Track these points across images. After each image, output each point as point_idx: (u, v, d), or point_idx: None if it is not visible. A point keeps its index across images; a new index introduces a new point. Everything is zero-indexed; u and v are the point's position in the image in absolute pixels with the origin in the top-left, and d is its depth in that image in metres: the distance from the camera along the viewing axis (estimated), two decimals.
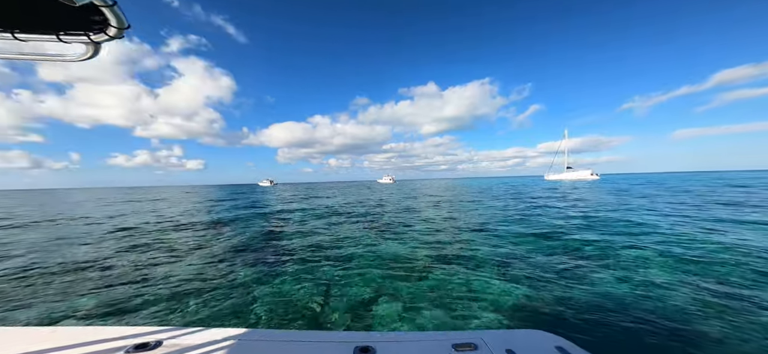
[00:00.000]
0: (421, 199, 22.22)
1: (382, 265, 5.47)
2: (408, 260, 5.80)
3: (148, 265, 5.77)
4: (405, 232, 8.96)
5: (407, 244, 7.19)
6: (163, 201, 27.29)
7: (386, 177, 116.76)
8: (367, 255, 6.27)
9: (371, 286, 4.48)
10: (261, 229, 10.18)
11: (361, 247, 7.00)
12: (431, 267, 5.32)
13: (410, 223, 10.44)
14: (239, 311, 3.76)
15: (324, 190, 51.93)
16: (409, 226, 9.84)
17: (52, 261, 6.18)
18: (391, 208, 15.23)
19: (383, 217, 12.25)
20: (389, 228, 9.71)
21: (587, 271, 4.92)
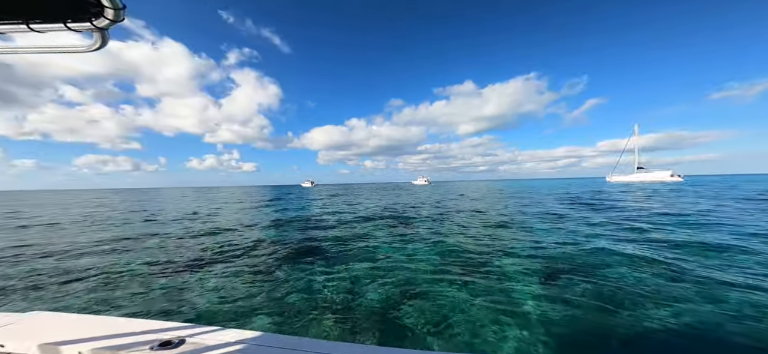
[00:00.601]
0: (458, 201, 21.44)
1: (414, 271, 5.28)
2: (442, 268, 5.44)
3: (212, 254, 7.07)
4: (445, 236, 8.62)
5: (443, 249, 6.95)
6: (230, 198, 31.70)
7: (421, 178, 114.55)
8: (398, 258, 6.22)
9: (399, 292, 4.34)
10: (302, 227, 11.15)
11: (391, 250, 7.00)
12: (469, 278, 4.88)
13: (450, 228, 10.06)
14: (264, 306, 3.97)
15: (359, 191, 54.00)
16: (447, 231, 9.50)
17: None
18: (426, 212, 15.21)
19: (416, 220, 12.11)
20: (422, 231, 9.57)
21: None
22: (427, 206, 18.03)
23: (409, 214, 14.41)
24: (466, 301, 4.05)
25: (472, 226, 10.34)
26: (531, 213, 13.45)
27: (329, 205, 20.38)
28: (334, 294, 4.36)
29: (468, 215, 13.60)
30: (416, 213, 15.17)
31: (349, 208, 18.76)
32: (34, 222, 13.52)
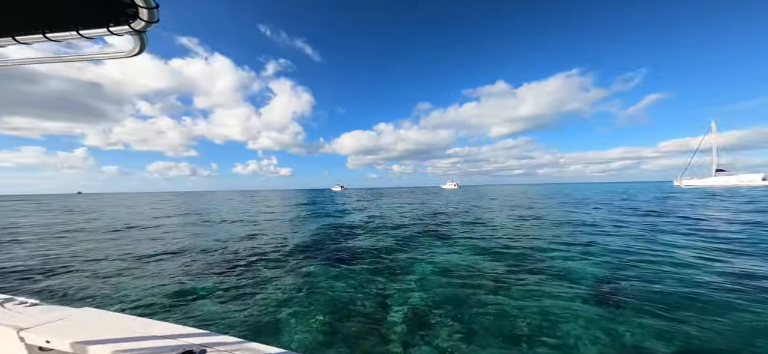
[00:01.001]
0: (491, 208, 20.41)
1: (443, 282, 5.10)
2: (476, 279, 5.22)
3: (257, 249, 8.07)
4: (480, 240, 8.56)
5: (477, 256, 6.77)
6: (271, 202, 34.15)
7: (450, 182, 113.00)
8: (426, 267, 6.11)
9: (430, 303, 4.23)
10: (331, 229, 11.71)
11: (421, 258, 6.92)
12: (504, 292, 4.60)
13: (484, 233, 9.82)
14: (295, 306, 4.15)
15: (388, 195, 54.30)
16: (483, 236, 9.32)
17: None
18: (457, 220, 14.72)
19: (447, 226, 11.84)
20: (452, 238, 9.39)
21: None
22: (460, 213, 17.25)
23: (440, 220, 14.07)
24: (505, 314, 3.75)
25: (515, 234, 9.73)
26: (582, 220, 12.04)
27: (360, 210, 21.06)
28: (365, 303, 4.31)
29: (507, 221, 12.86)
30: (448, 217, 14.85)
31: (379, 212, 19.02)
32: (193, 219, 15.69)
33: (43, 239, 10.28)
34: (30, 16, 0.82)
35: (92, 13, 0.80)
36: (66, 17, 0.82)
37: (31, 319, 1.24)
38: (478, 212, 17.43)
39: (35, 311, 1.33)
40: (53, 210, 25.93)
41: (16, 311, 1.31)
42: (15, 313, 1.30)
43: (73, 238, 10.60)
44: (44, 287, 5.31)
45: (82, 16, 0.80)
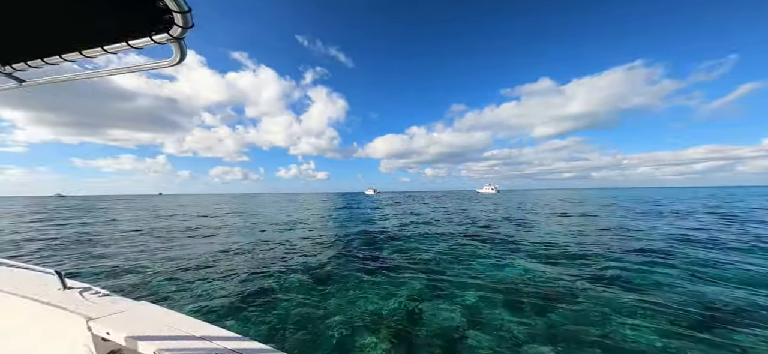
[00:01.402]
0: (538, 213, 18.44)
1: (482, 295, 4.91)
2: (515, 295, 4.93)
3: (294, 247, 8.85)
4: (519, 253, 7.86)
5: (518, 271, 6.33)
6: (311, 204, 36.10)
7: (487, 186, 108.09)
8: (463, 276, 5.90)
9: (466, 314, 4.14)
10: (367, 233, 11.93)
11: (457, 266, 6.77)
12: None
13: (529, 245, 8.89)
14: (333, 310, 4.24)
15: (422, 199, 53.15)
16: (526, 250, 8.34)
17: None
18: (502, 226, 13.67)
19: (494, 233, 11.24)
20: (506, 245, 8.81)
21: None
22: (505, 219, 16.02)
23: (486, 227, 13.43)
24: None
25: (583, 241, 8.89)
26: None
27: (398, 215, 20.88)
28: (395, 312, 4.30)
29: (564, 227, 11.78)
30: (491, 223, 14.20)
31: (417, 217, 18.64)
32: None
33: (139, 236, 12.06)
34: (91, 30, 0.89)
35: (137, 24, 0.85)
36: (116, 30, 0.88)
37: (99, 309, 1.33)
38: (525, 219, 16.17)
39: (105, 302, 1.42)
40: (144, 208, 31.22)
41: (90, 301, 1.41)
42: (89, 302, 1.39)
43: (165, 234, 12.58)
44: (131, 277, 6.17)
45: (128, 27, 0.86)
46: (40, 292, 1.50)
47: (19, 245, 10.30)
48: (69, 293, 1.50)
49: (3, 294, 1.54)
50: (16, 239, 11.45)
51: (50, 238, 11.60)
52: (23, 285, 1.61)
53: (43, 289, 1.54)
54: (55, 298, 1.44)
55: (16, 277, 1.78)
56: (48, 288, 1.55)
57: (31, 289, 1.55)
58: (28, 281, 1.66)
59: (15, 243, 10.73)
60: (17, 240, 11.31)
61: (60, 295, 1.47)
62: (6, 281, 1.67)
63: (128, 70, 1.05)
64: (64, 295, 1.48)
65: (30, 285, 1.60)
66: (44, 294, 1.48)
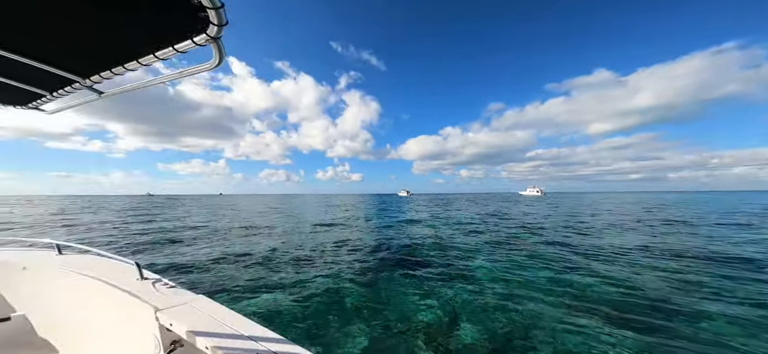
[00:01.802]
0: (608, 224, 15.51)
1: (528, 314, 4.42)
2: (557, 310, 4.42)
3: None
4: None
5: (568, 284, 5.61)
6: (348, 205, 36.95)
7: (531, 188, 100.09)
8: (506, 289, 5.42)
9: (503, 335, 3.79)
10: (403, 237, 11.60)
11: (508, 273, 6.35)
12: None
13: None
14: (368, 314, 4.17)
15: (457, 201, 50.17)
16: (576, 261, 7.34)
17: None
18: (552, 234, 12.00)
19: (541, 241, 10.06)
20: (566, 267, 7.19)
21: None
22: (556, 227, 14.18)
23: (532, 233, 12.30)
24: None
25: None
26: None
27: (428, 218, 20.04)
28: (433, 320, 4.15)
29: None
30: (546, 233, 12.56)
31: (453, 220, 17.85)
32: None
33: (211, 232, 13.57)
34: (142, 38, 0.97)
35: (177, 26, 0.90)
36: (161, 35, 0.94)
37: (165, 301, 1.44)
38: (586, 224, 14.14)
39: (170, 293, 1.54)
40: (209, 206, 35.78)
41: (160, 292, 1.53)
42: (159, 293, 1.52)
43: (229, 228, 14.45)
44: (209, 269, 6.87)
45: (171, 31, 0.92)
46: (122, 280, 1.68)
47: (124, 230, 13.45)
48: (144, 283, 1.65)
49: (91, 279, 1.75)
50: (122, 227, 14.97)
51: (143, 228, 14.51)
52: (109, 272, 1.82)
53: (125, 277, 1.72)
54: (133, 287, 1.60)
55: (104, 265, 1.98)
56: (128, 277, 1.72)
57: (116, 276, 1.75)
58: (114, 269, 1.88)
59: (121, 229, 14.11)
60: (122, 227, 14.81)
61: (137, 285, 1.63)
62: (95, 268, 1.91)
63: (179, 74, 1.10)
64: (141, 284, 1.64)
65: (115, 273, 1.81)
66: (125, 282, 1.65)
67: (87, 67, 1.13)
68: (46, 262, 2.06)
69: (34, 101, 1.42)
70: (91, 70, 1.13)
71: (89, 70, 1.14)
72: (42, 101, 1.42)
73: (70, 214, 23.12)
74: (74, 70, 1.14)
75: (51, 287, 1.97)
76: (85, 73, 1.15)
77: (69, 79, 1.19)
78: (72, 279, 1.84)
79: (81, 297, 1.79)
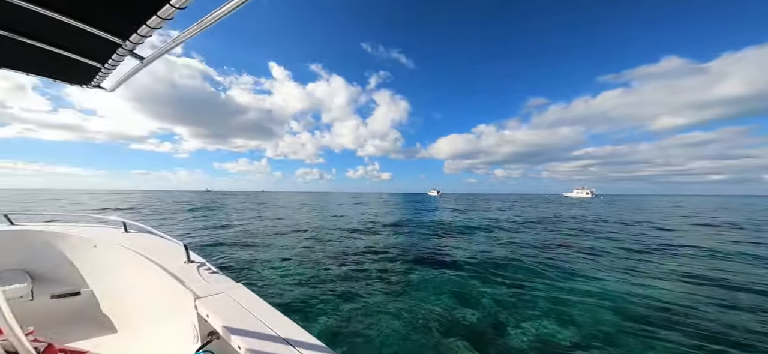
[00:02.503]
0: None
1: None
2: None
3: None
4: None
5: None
6: (378, 203, 36.19)
7: (579, 190, 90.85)
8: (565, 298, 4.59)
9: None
10: (433, 237, 10.97)
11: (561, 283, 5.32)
12: None
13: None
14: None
15: (493, 202, 45.52)
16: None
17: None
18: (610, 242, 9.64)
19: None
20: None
21: None
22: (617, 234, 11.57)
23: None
24: None
25: None
26: None
27: (463, 219, 18.15)
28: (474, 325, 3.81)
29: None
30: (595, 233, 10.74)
31: (490, 222, 16.33)
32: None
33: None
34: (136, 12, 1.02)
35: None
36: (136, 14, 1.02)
37: (205, 288, 1.46)
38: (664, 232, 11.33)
39: (212, 279, 1.57)
40: (256, 202, 37.62)
41: (202, 277, 1.57)
42: (201, 278, 1.55)
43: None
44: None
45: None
46: (172, 263, 1.74)
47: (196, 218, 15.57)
48: (189, 267, 1.70)
49: (146, 260, 1.80)
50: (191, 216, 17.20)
51: (206, 217, 16.66)
52: (162, 253, 1.89)
53: (174, 259, 1.79)
54: (180, 271, 1.65)
55: (159, 245, 2.06)
56: (177, 258, 1.80)
57: (167, 257, 1.82)
58: (166, 250, 1.95)
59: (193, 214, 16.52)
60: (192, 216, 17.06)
61: (184, 268, 1.70)
62: (151, 247, 1.99)
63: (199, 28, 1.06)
64: (186, 267, 1.70)
65: (167, 254, 1.88)
66: (174, 264, 1.72)
67: (124, 26, 1.13)
68: (113, 240, 2.16)
69: (94, 76, 1.48)
70: (128, 28, 1.13)
71: (126, 28, 1.14)
72: (100, 76, 1.47)
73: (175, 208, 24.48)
74: (114, 30, 1.15)
75: (115, 265, 2.07)
76: (124, 33, 1.16)
77: (114, 44, 1.21)
78: (132, 258, 1.92)
79: (138, 278, 1.85)
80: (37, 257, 2.29)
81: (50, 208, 22.27)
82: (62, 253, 2.31)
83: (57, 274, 2.25)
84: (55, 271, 2.26)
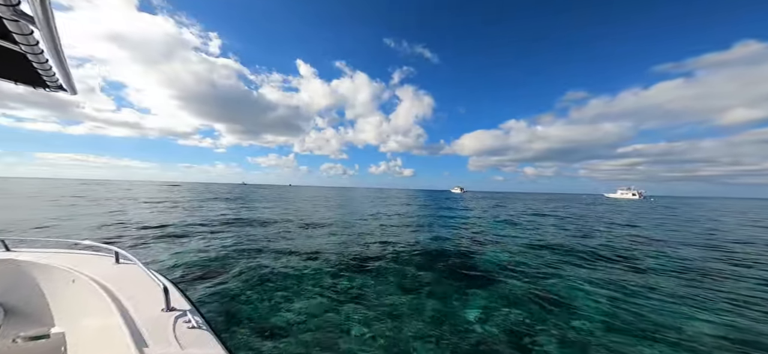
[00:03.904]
0: None
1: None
2: None
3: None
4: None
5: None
6: (400, 201, 35.17)
7: (624, 190, 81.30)
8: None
9: None
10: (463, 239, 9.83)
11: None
12: None
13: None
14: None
15: (522, 202, 40.82)
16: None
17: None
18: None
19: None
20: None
21: None
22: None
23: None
24: None
25: None
26: None
27: (494, 221, 16.31)
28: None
29: None
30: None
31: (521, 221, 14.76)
32: None
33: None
34: None
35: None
36: None
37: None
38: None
39: (188, 339, 1.33)
40: (287, 197, 38.72)
41: (176, 336, 1.33)
42: (172, 341, 1.30)
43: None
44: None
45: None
46: (146, 306, 1.60)
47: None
48: (167, 317, 1.51)
49: (115, 302, 1.63)
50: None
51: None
52: (139, 293, 1.77)
53: (152, 302, 1.64)
54: (151, 323, 1.47)
55: (139, 282, 1.91)
56: (155, 303, 1.63)
57: (143, 299, 1.69)
58: (145, 290, 1.80)
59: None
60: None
61: (160, 318, 1.51)
62: (128, 285, 1.88)
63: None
64: (163, 318, 1.50)
65: (144, 294, 1.74)
66: (149, 309, 1.57)
67: None
68: (97, 274, 2.00)
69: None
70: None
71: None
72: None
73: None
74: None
75: (89, 306, 1.83)
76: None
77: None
78: (105, 301, 1.66)
79: (108, 323, 1.52)
80: (13, 289, 2.22)
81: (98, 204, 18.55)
82: (38, 287, 2.21)
83: (30, 310, 2.15)
84: (28, 306, 2.17)
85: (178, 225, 10.96)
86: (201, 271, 5.53)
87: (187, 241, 8.31)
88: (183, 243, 8.01)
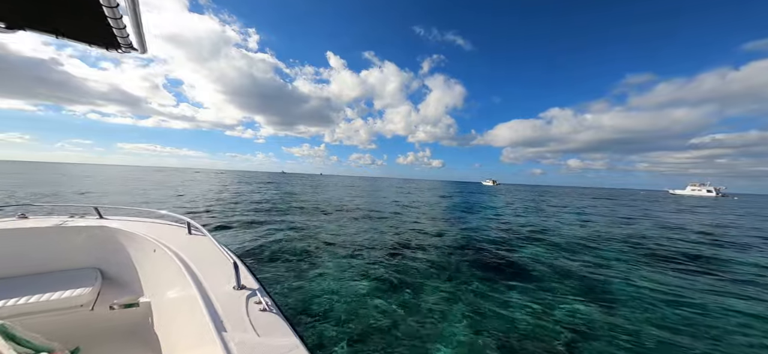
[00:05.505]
0: None
1: None
2: None
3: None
4: None
5: None
6: (429, 191, 35.29)
7: (697, 186, 71.74)
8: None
9: None
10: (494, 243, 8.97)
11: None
12: None
13: None
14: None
15: (580, 198, 35.45)
16: None
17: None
18: None
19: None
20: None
21: None
22: None
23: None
24: None
25: None
26: None
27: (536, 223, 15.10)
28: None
29: None
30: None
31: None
32: None
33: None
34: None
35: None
36: None
37: (250, 341, 1.21)
38: None
39: (260, 323, 1.27)
40: (321, 184, 40.02)
41: (250, 318, 1.27)
42: (246, 321, 1.25)
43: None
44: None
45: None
46: (218, 283, 1.55)
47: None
48: (238, 296, 1.46)
49: (192, 277, 1.61)
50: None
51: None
52: (211, 267, 1.72)
53: (224, 278, 1.59)
54: (224, 299, 1.41)
55: (211, 255, 1.88)
56: (227, 279, 1.58)
57: (215, 274, 1.64)
58: (216, 263, 1.76)
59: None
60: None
61: (231, 297, 1.45)
62: (201, 258, 1.84)
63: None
64: (235, 296, 1.46)
65: (215, 268, 1.70)
66: (220, 287, 1.52)
67: None
68: (172, 244, 2.03)
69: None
70: None
71: None
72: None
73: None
74: None
75: (169, 276, 1.84)
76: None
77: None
78: (182, 273, 1.64)
79: (187, 294, 1.52)
80: (108, 256, 2.34)
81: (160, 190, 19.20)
82: (127, 254, 2.29)
83: (122, 277, 2.26)
84: (120, 273, 2.28)
85: (269, 202, 13.82)
86: (269, 253, 5.98)
87: (277, 222, 9.44)
88: (278, 222, 9.41)
